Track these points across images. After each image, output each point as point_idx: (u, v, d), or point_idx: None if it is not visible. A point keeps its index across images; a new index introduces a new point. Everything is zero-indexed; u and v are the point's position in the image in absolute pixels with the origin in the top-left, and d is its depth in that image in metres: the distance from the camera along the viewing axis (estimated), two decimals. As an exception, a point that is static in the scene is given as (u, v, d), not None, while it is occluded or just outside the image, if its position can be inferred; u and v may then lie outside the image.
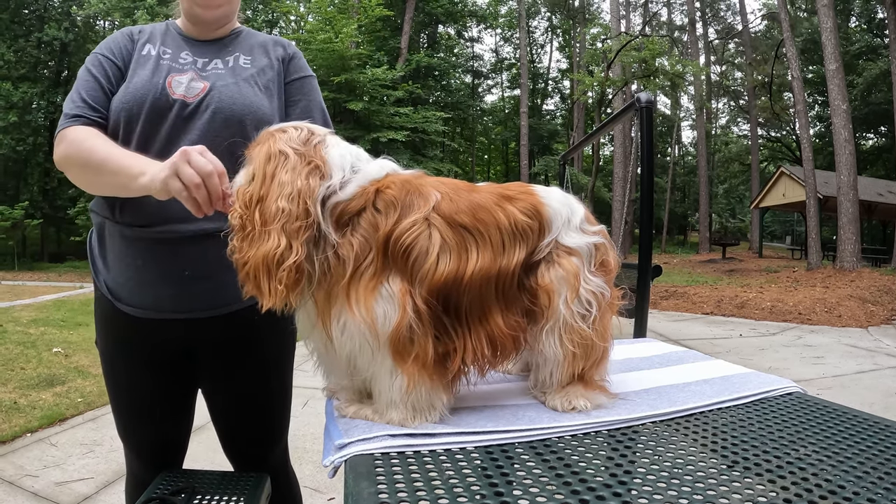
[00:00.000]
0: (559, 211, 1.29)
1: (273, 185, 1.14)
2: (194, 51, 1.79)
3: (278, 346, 1.90)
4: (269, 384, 1.91)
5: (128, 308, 1.71)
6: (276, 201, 1.12)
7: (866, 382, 6.53)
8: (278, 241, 1.10)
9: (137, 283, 1.68)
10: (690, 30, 37.41)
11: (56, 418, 4.85)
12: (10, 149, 24.12)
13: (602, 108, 26.22)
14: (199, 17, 1.79)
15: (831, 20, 18.77)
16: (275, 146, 1.19)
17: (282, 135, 1.22)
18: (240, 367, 1.84)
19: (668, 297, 14.17)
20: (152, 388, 1.81)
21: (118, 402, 1.85)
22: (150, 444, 1.88)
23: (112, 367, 1.83)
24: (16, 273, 20.56)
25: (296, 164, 1.16)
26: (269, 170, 1.16)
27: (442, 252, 1.15)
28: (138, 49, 1.76)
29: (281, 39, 1.93)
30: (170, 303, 1.69)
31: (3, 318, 8.89)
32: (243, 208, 1.16)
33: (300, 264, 1.11)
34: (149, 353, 1.77)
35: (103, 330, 1.82)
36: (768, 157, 42.79)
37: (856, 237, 18.62)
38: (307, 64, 1.93)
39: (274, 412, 1.96)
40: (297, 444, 4.14)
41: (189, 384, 1.90)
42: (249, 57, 1.81)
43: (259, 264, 1.11)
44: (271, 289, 1.12)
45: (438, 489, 0.89)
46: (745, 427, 1.19)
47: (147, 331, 1.73)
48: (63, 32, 25.63)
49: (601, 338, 1.27)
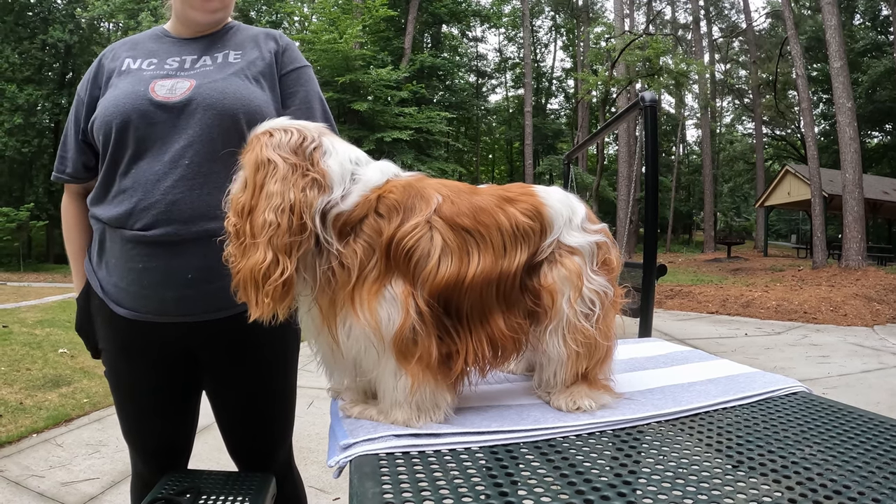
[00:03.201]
0: (560, 211, 1.29)
1: (261, 196, 1.13)
2: (183, 50, 1.78)
3: (282, 346, 1.90)
4: (273, 385, 1.91)
5: (128, 312, 1.70)
6: (264, 213, 1.11)
7: (872, 381, 6.51)
8: (264, 255, 1.09)
9: (139, 286, 1.67)
10: (694, 28, 37.35)
11: (62, 419, 4.86)
12: (15, 151, 24.21)
13: (606, 107, 26.17)
14: (191, 20, 1.78)
15: (835, 18, 18.70)
16: (262, 154, 1.16)
17: (269, 139, 1.19)
18: (243, 368, 1.84)
19: (674, 296, 14.15)
20: (156, 390, 1.81)
21: (122, 405, 1.85)
22: (154, 446, 1.88)
23: (115, 370, 1.83)
24: (21, 274, 20.63)
25: (286, 173, 1.14)
26: (258, 179, 1.15)
27: (443, 255, 1.15)
28: (118, 66, 1.76)
29: (272, 32, 1.91)
30: (173, 306, 1.68)
31: (8, 320, 8.92)
32: (236, 217, 1.15)
33: (289, 278, 1.11)
34: (151, 357, 1.77)
35: (105, 335, 1.81)
36: (773, 156, 42.65)
37: (861, 235, 18.55)
38: (301, 54, 1.92)
39: (278, 413, 1.96)
40: (302, 445, 4.15)
41: (192, 386, 1.90)
42: (239, 52, 1.80)
43: (247, 276, 1.11)
44: (258, 300, 1.12)
45: (443, 489, 0.89)
46: (751, 427, 1.19)
47: (150, 335, 1.73)
48: (67, 35, 25.72)
49: (605, 337, 1.27)
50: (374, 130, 21.73)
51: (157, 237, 1.63)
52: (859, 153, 18.89)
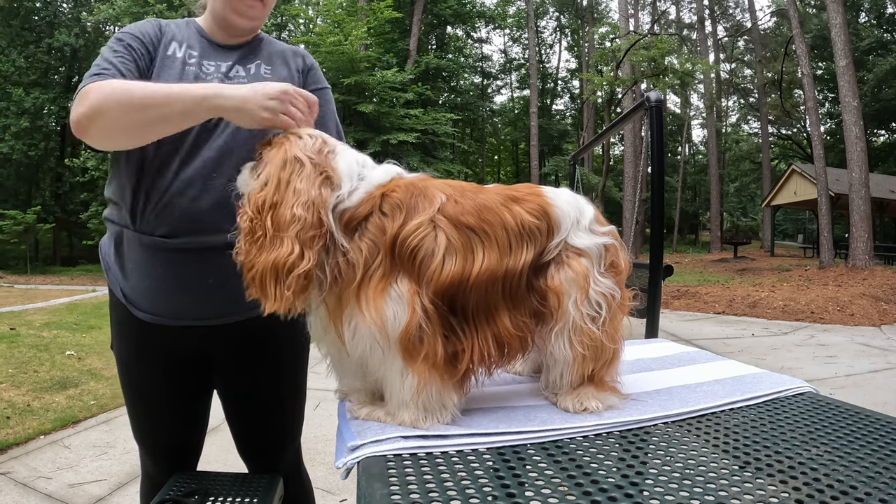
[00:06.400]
0: (567, 212, 1.30)
1: (288, 192, 1.15)
2: (217, 56, 1.77)
3: (294, 348, 1.91)
4: (284, 386, 1.93)
5: (146, 315, 1.71)
6: (292, 208, 1.13)
7: (879, 381, 6.48)
8: (291, 247, 1.11)
9: (157, 291, 1.67)
10: (699, 28, 37.28)
11: (69, 421, 4.88)
12: (22, 154, 24.28)
13: (612, 107, 26.16)
14: (231, 24, 1.76)
15: (841, 16, 18.64)
16: (291, 152, 1.20)
17: (298, 140, 1.23)
18: (256, 369, 1.86)
19: (680, 296, 14.12)
20: (168, 391, 1.82)
21: (134, 405, 1.86)
22: (165, 447, 1.89)
23: (128, 371, 1.84)
24: (28, 277, 20.69)
25: (310, 173, 1.17)
26: (283, 176, 1.17)
27: (447, 253, 1.16)
28: (164, 45, 1.71)
29: (299, 50, 1.92)
30: (190, 310, 1.69)
31: (16, 322, 8.96)
32: (255, 212, 1.16)
33: (309, 271, 1.12)
34: (165, 358, 1.78)
35: (119, 335, 1.82)
36: (779, 155, 42.56)
37: (868, 235, 18.48)
38: (323, 76, 1.93)
39: (287, 414, 1.98)
40: (310, 446, 4.15)
41: (205, 387, 1.91)
42: (270, 67, 1.80)
43: (268, 269, 1.12)
44: (277, 294, 1.12)
45: (450, 490, 0.89)
46: (758, 427, 1.19)
47: (165, 337, 1.73)
48: (73, 38, 25.80)
49: (611, 340, 1.27)
50: (379, 132, 21.72)
51: (179, 245, 1.62)
52: (865, 152, 18.81)
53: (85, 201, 24.02)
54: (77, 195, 25.67)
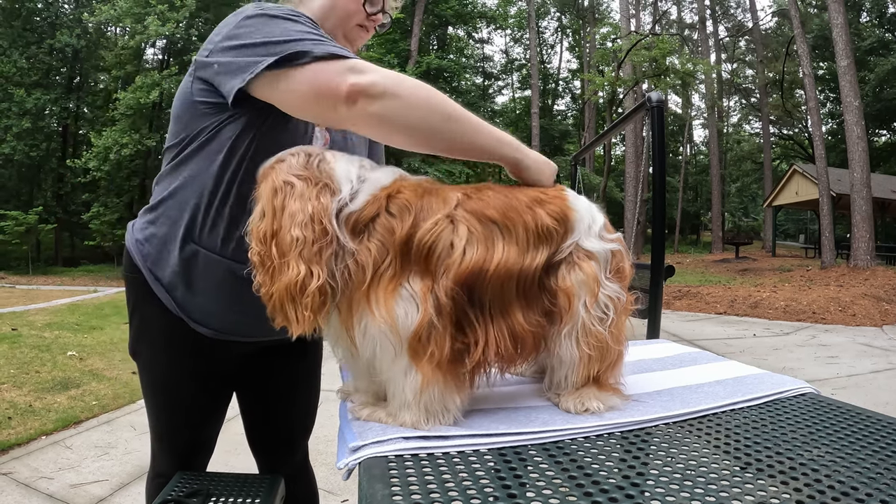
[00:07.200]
0: (583, 217, 1.31)
1: (285, 217, 1.14)
2: None
3: (316, 354, 1.99)
4: (305, 386, 2.00)
5: (210, 332, 1.67)
6: (290, 231, 1.12)
7: (881, 382, 6.48)
8: (298, 268, 1.11)
9: (235, 312, 1.64)
10: (700, 28, 37.32)
11: (71, 421, 4.89)
12: (23, 155, 24.34)
13: (613, 107, 26.18)
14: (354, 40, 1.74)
15: (842, 16, 18.64)
16: (278, 178, 1.18)
17: (281, 165, 1.22)
18: (280, 372, 1.90)
19: (682, 297, 14.12)
20: (203, 398, 1.82)
21: (164, 408, 1.82)
22: (186, 446, 1.88)
23: (163, 378, 1.78)
24: (30, 277, 20.73)
25: (303, 190, 1.16)
26: (277, 203, 1.16)
27: (469, 244, 1.16)
28: None
29: None
30: (261, 329, 1.53)
31: (18, 322, 8.97)
32: (259, 245, 1.16)
33: (323, 286, 1.12)
34: (205, 367, 1.76)
35: (159, 345, 1.74)
36: (781, 155, 42.54)
37: (869, 235, 18.48)
38: None
39: (300, 412, 2.04)
40: (311, 447, 4.13)
41: (230, 388, 1.93)
42: None
43: (283, 294, 1.12)
44: (299, 316, 1.13)
45: (452, 491, 0.89)
46: (759, 428, 1.19)
47: (215, 350, 1.71)
48: (75, 39, 25.86)
49: (616, 341, 1.28)
50: (380, 133, 21.70)
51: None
52: (867, 152, 18.82)
53: (86, 202, 24.05)
54: (79, 196, 25.73)
